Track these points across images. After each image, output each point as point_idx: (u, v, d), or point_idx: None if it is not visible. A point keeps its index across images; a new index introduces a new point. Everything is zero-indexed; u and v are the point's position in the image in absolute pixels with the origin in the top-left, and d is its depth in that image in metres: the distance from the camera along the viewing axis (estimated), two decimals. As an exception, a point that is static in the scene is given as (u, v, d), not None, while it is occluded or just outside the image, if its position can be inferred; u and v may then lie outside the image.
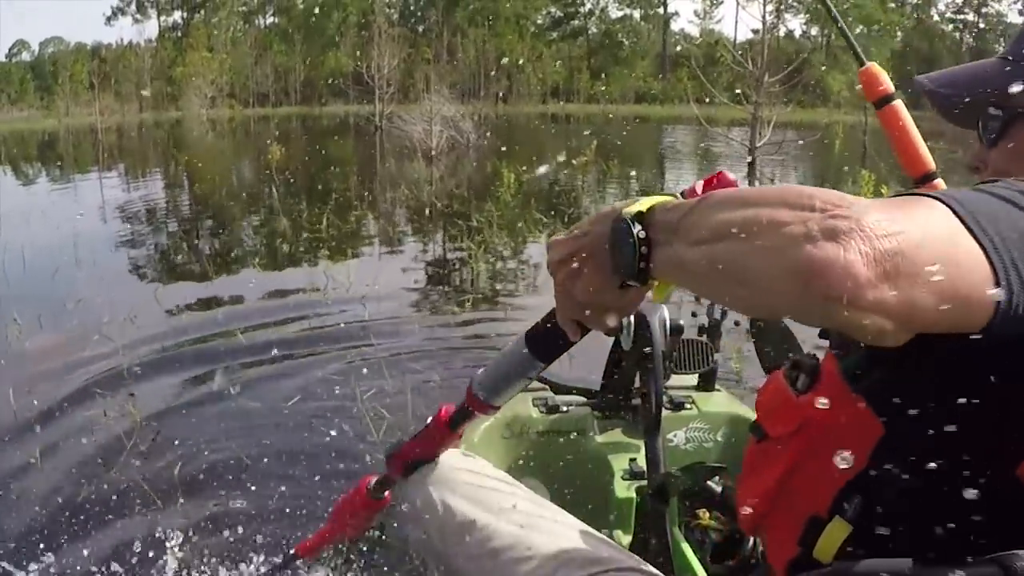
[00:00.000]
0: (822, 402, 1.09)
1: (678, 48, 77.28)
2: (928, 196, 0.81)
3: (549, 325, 1.37)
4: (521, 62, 66.54)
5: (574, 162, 18.28)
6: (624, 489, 2.28)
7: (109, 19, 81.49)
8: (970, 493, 0.95)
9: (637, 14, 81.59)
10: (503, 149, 20.70)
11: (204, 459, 3.91)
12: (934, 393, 0.98)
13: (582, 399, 2.62)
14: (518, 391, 1.52)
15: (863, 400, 1.05)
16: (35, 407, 4.49)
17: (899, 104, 1.90)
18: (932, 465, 0.97)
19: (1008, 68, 1.17)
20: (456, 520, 1.62)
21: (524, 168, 15.56)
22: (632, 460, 2.35)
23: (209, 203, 15.10)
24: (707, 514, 2.18)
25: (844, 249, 0.72)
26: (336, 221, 11.02)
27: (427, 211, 12.44)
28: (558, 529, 1.56)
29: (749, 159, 17.81)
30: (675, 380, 2.58)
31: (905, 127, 1.86)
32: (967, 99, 1.23)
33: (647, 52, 78.67)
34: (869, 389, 1.04)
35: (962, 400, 0.93)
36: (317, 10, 75.55)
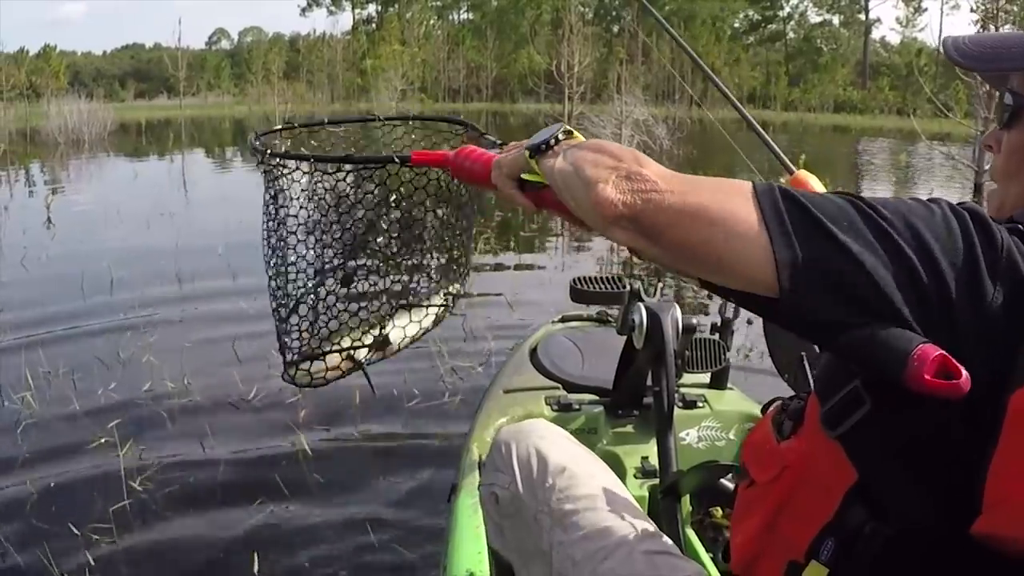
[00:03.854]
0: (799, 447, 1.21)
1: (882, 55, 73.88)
2: (769, 190, 1.00)
3: None
4: (717, 65, 64.19)
5: (783, 180, 16.16)
6: (636, 487, 2.26)
7: (304, 10, 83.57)
8: (930, 547, 1.03)
9: (837, 20, 78.80)
10: (697, 156, 19.27)
11: None
12: (902, 445, 1.04)
13: (594, 397, 2.63)
14: None
15: (839, 446, 1.10)
16: None
17: None
18: (899, 515, 1.05)
19: None
20: (548, 467, 1.66)
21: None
22: (644, 458, 2.38)
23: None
24: (720, 512, 2.36)
25: (614, 190, 1.04)
26: (481, 246, 9.27)
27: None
28: (630, 510, 1.59)
29: (975, 183, 15.50)
30: (687, 378, 2.67)
31: None
32: (986, 71, 1.29)
33: (847, 60, 75.21)
34: (845, 435, 1.09)
35: (923, 456, 1.02)
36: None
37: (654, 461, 2.27)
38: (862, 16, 76.09)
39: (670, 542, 1.53)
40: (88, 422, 4.31)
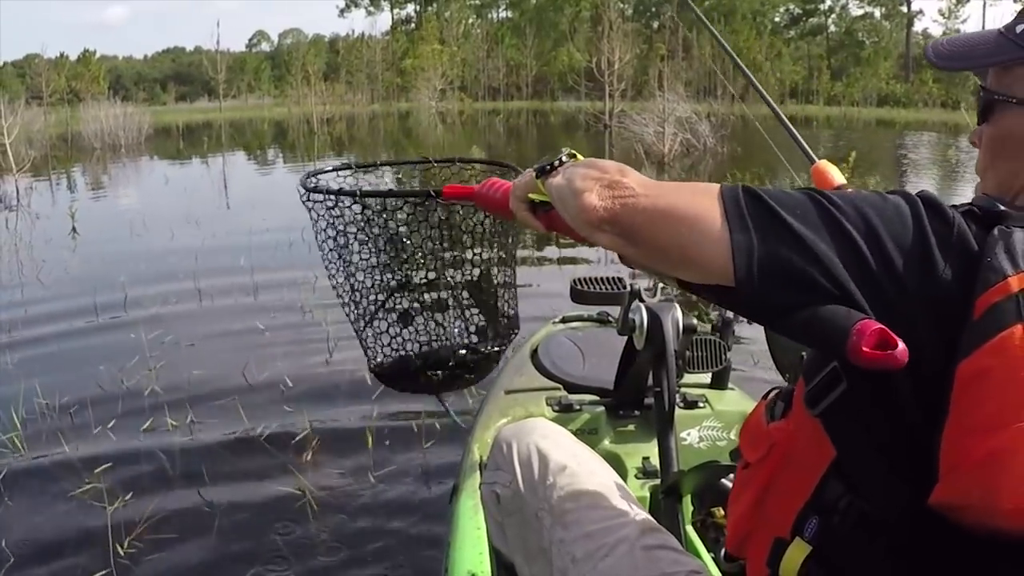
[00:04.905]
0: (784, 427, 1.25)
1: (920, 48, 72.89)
2: (733, 188, 1.05)
3: None
4: (758, 60, 63.29)
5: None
6: (637, 487, 2.28)
7: (342, 11, 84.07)
8: (903, 523, 1.04)
9: (878, 12, 77.39)
10: (741, 154, 19.78)
11: None
12: (871, 422, 1.06)
13: (595, 398, 2.62)
14: None
15: (819, 423, 1.13)
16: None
17: None
18: (871, 490, 1.08)
19: (999, 43, 1.18)
20: (549, 464, 1.68)
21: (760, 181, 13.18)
22: (645, 459, 2.40)
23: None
24: (721, 512, 2.26)
25: (597, 197, 1.12)
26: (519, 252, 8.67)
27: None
28: (631, 508, 1.60)
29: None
30: (688, 378, 2.65)
31: None
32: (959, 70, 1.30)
33: (890, 53, 73.94)
34: (824, 413, 1.11)
35: (889, 432, 1.04)
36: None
37: (655, 461, 2.28)
38: (904, 8, 75.04)
39: (671, 537, 1.57)
40: (78, 468, 3.89)
